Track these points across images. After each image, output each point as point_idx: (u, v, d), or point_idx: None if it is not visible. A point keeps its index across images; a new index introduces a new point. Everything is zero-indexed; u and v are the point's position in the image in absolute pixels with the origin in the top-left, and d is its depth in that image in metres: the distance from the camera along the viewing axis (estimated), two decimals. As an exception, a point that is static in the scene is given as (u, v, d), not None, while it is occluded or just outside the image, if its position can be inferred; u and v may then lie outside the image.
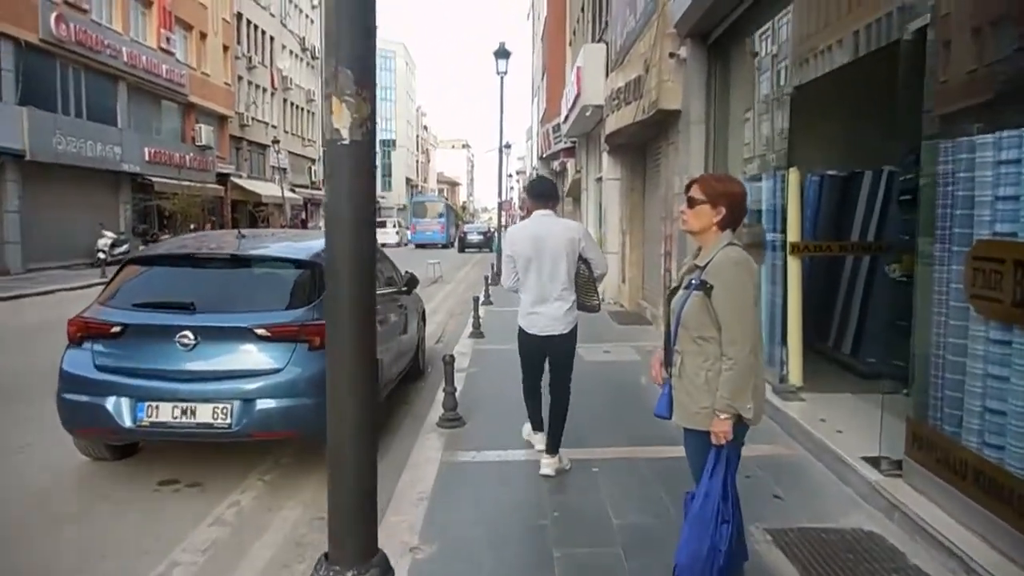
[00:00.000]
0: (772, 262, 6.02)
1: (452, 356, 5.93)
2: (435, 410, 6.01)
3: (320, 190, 51.05)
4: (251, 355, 4.55)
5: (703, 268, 2.82)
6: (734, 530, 2.71)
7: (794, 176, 5.60)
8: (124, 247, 22.23)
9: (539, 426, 5.04)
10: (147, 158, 26.96)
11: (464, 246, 40.48)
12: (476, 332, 10.03)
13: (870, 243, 6.27)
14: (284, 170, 42.16)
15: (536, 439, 5.07)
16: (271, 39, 42.64)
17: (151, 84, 27.82)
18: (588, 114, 14.79)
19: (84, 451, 5.05)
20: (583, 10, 19.99)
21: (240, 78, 37.75)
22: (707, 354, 2.77)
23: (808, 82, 6.07)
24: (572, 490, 4.41)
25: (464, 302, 14.21)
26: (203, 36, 32.79)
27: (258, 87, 40.48)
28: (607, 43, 14.28)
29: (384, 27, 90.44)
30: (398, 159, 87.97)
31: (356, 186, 1.57)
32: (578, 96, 14.97)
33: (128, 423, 4.45)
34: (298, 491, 4.74)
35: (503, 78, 18.38)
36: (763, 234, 6.05)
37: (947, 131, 3.67)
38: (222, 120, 34.95)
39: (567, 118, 17.91)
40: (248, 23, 39.15)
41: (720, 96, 8.00)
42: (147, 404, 4.46)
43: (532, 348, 4.79)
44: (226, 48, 35.35)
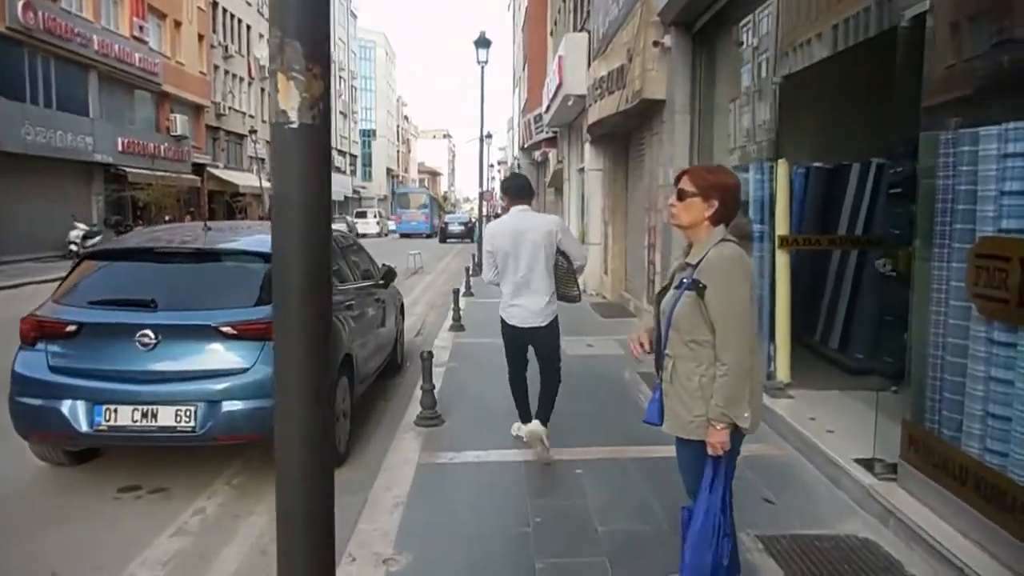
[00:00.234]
0: (758, 255, 5.86)
1: (430, 352, 5.72)
2: (413, 407, 5.81)
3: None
4: (216, 354, 4.32)
5: (695, 266, 2.64)
6: (734, 543, 2.55)
7: (783, 168, 5.44)
8: (97, 239, 21.70)
9: (527, 418, 5.03)
10: (120, 148, 26.39)
11: (445, 236, 40.17)
12: (456, 325, 9.83)
13: (860, 237, 6.13)
14: (262, 160, 41.54)
15: (525, 431, 4.98)
16: (248, 28, 41.93)
17: (123, 73, 27.17)
18: (570, 104, 14.58)
19: (41, 456, 4.79)
20: (564, -1, 19.76)
21: (216, 67, 37.08)
22: (700, 358, 2.59)
23: (795, 72, 5.91)
24: (555, 494, 4.23)
25: (445, 294, 13.97)
26: (177, 24, 32.12)
27: (235, 76, 39.82)
28: (589, 32, 14.07)
29: (364, 17, 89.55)
30: (378, 149, 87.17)
31: (308, 176, 1.35)
32: (560, 86, 14.75)
33: (85, 427, 4.20)
34: (267, 495, 4.52)
35: (483, 67, 18.13)
36: (750, 226, 5.88)
37: (947, 122, 3.51)
38: (198, 110, 34.31)
39: (549, 108, 17.69)
40: (224, 11, 38.45)
41: (705, 86, 7.82)
42: (105, 407, 4.21)
43: (515, 339, 4.94)
44: (201, 37, 34.67)
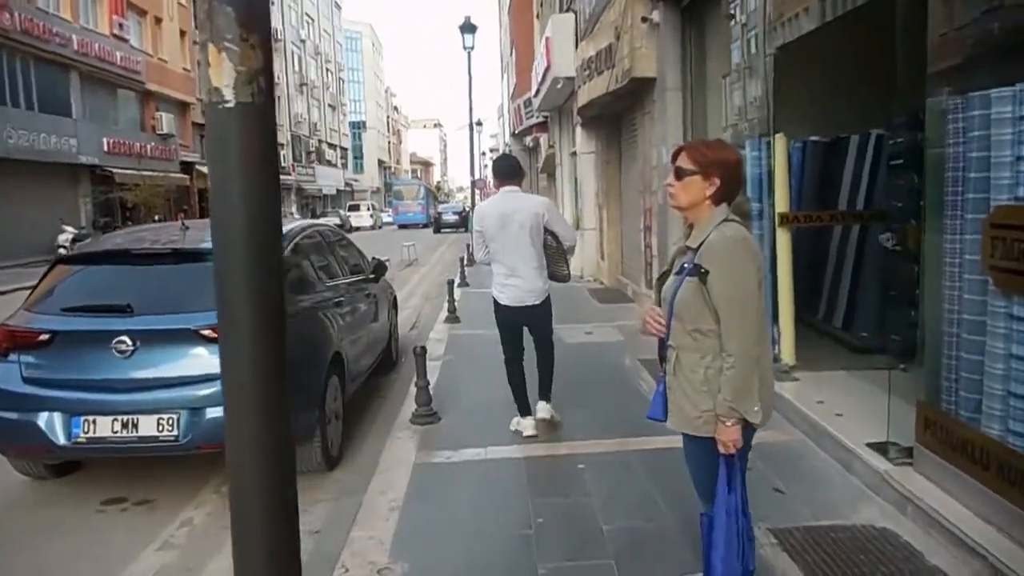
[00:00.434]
0: (757, 234, 5.67)
1: (423, 347, 5.53)
2: (409, 404, 5.63)
3: (290, 175, 50.12)
4: (198, 359, 4.12)
5: (696, 250, 2.45)
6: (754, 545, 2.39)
7: (781, 142, 5.24)
8: (86, 241, 21.43)
9: (526, 411, 5.03)
10: (106, 149, 26.07)
11: (440, 226, 39.81)
12: (451, 317, 9.63)
13: (863, 212, 5.94)
14: (251, 156, 41.18)
15: (526, 425, 4.98)
16: (231, 21, 41.39)
17: (105, 72, 26.79)
18: (559, 87, 14.34)
19: (21, 470, 4.62)
20: (550, -20, 19.42)
21: (200, 63, 36.58)
22: (705, 349, 2.41)
23: (789, 43, 5.69)
24: (557, 491, 4.06)
25: (440, 285, 13.76)
26: (158, 21, 31.68)
27: (220, 71, 39.34)
28: (575, 12, 13.80)
29: (348, 7, 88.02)
30: (369, 141, 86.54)
31: (248, 163, 1.16)
32: (548, 69, 14.50)
33: (63, 440, 4.02)
34: (259, 504, 4.35)
35: (470, 53, 17.86)
36: (748, 205, 5.69)
37: (955, 86, 3.32)
38: (184, 107, 33.92)
39: (538, 92, 17.42)
40: (206, 5, 37.92)
41: (696, 61, 7.61)
42: (83, 418, 4.03)
43: (509, 319, 4.99)
44: (183, 33, 34.22)
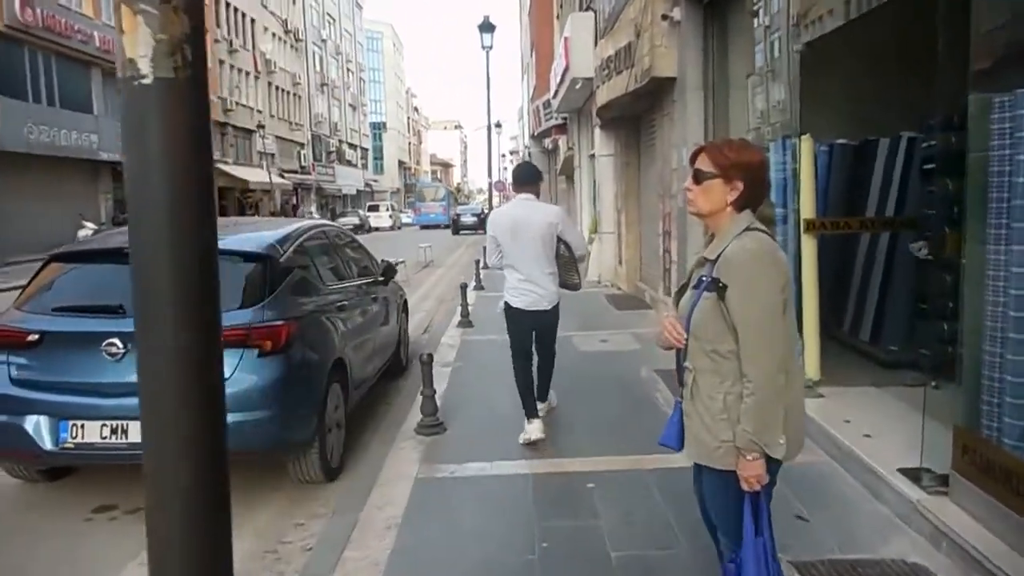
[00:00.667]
0: (780, 240, 5.41)
1: (430, 355, 5.33)
2: (415, 412, 5.42)
3: (310, 175, 50.31)
4: (190, 365, 3.94)
5: (715, 262, 2.22)
6: None
7: (807, 144, 4.97)
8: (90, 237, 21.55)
9: (533, 413, 5.00)
10: (126, 146, 26.15)
11: (458, 228, 39.61)
12: (464, 321, 9.42)
13: (893, 219, 5.65)
14: (271, 155, 41.32)
15: (533, 428, 4.91)
16: (252, 21, 41.58)
17: (128, 69, 26.90)
18: (578, 87, 14.09)
19: (12, 472, 4.48)
20: (571, -20, 19.18)
21: (221, 62, 36.80)
22: (725, 372, 2.17)
23: (816, 39, 5.43)
24: (564, 513, 3.83)
25: (455, 288, 13.55)
26: (181, 18, 31.78)
27: (240, 71, 39.52)
28: (595, 11, 13.56)
29: (369, 7, 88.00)
30: (389, 142, 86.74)
31: (172, 151, 0.95)
32: (567, 69, 14.27)
33: (50, 445, 3.85)
34: (252, 516, 4.16)
35: (488, 53, 17.66)
36: (772, 210, 5.43)
37: (1001, 83, 3.05)
38: (205, 105, 34.00)
39: (556, 93, 17.19)
40: (227, 5, 38.12)
41: (719, 60, 7.34)
42: (71, 423, 3.87)
43: (519, 322, 5.08)
44: (205, 31, 34.28)
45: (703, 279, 2.25)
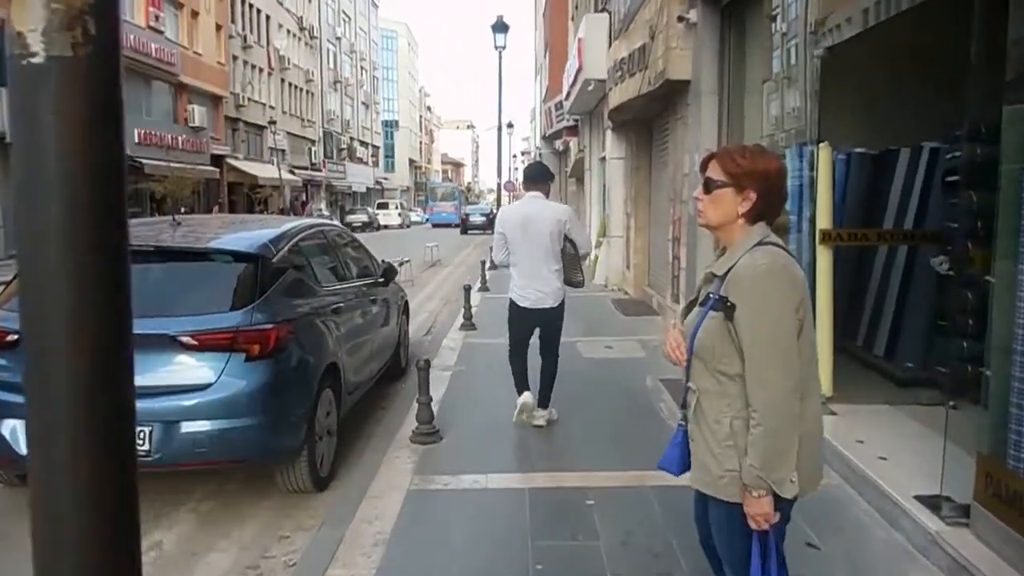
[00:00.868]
0: (794, 248, 5.21)
1: (427, 361, 5.16)
2: (411, 419, 5.24)
3: (321, 172, 50.28)
4: (175, 368, 3.79)
5: (723, 278, 2.04)
6: None
7: (825, 152, 4.77)
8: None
9: (524, 387, 5.24)
10: (137, 140, 26.13)
11: (467, 228, 39.51)
12: (467, 324, 9.25)
13: (913, 232, 5.43)
14: (282, 151, 41.29)
15: (523, 398, 5.21)
16: (267, 18, 41.56)
17: (140, 64, 26.88)
18: (590, 89, 13.89)
19: (-9, 476, 4.32)
20: (586, -19, 18.99)
21: (235, 58, 36.78)
22: (732, 395, 1.99)
23: (838, 44, 5.23)
24: (561, 532, 3.65)
25: (461, 288, 13.43)
26: (194, 14, 31.80)
27: (254, 67, 39.50)
28: (610, 12, 13.36)
29: (385, 6, 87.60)
30: (401, 140, 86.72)
31: (67, 142, 0.78)
32: (579, 70, 14.08)
33: (27, 450, 3.69)
34: (238, 525, 4.00)
35: (501, 53, 17.50)
36: (786, 217, 5.23)
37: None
38: (216, 101, 34.01)
39: (569, 94, 17.01)
40: (243, 2, 38.10)
41: (735, 64, 7.14)
42: (50, 427, 3.70)
43: (522, 320, 5.16)
44: (219, 27, 34.33)
45: (710, 296, 2.08)
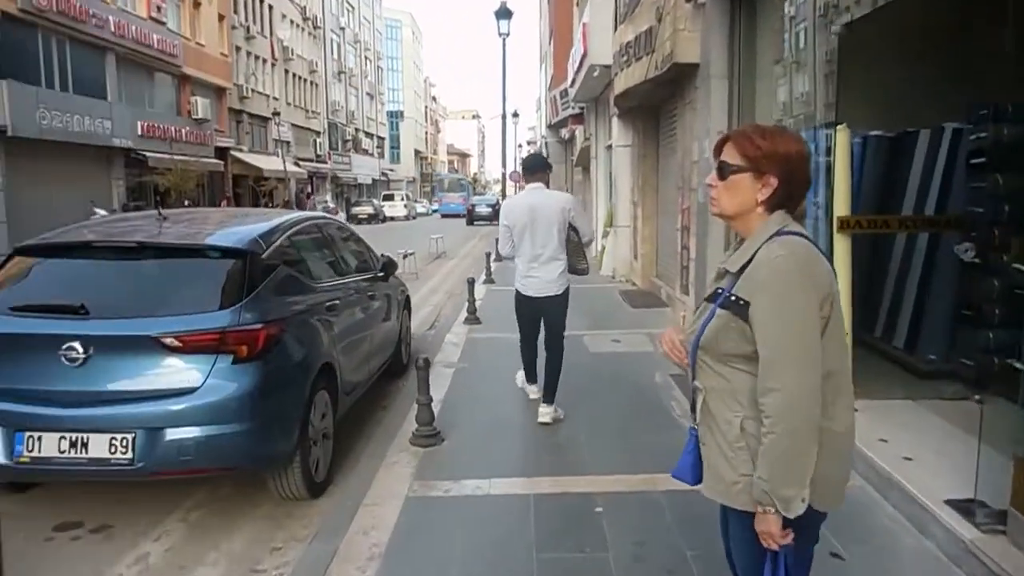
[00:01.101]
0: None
1: (427, 360, 4.95)
2: (412, 419, 5.04)
3: (326, 163, 50.06)
4: (158, 372, 3.59)
5: (737, 274, 1.82)
6: None
7: (843, 136, 4.51)
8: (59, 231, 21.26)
9: (533, 378, 5.47)
10: (140, 132, 25.93)
11: (472, 219, 39.37)
12: (471, 318, 9.03)
13: (937, 217, 5.18)
14: (287, 143, 41.08)
15: (531, 389, 5.51)
16: (270, 8, 41.25)
17: (142, 55, 26.68)
18: (596, 75, 13.61)
19: (-27, 484, 4.14)
20: (590, -35, 18.61)
21: (238, 49, 36.52)
22: (741, 392, 1.79)
23: (858, 20, 4.97)
24: (567, 542, 3.44)
25: (466, 281, 13.22)
26: (196, 5, 31.51)
27: (257, 58, 39.23)
28: (616, -4, 13.05)
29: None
30: (406, 131, 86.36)
31: None
32: (584, 55, 13.78)
33: (3, 459, 3.51)
34: (227, 536, 3.81)
35: (505, 40, 17.21)
36: (803, 206, 4.98)
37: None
38: (220, 92, 33.77)
39: (574, 81, 16.71)
40: (245, -9, 37.82)
41: (746, 46, 6.85)
42: (27, 435, 3.52)
43: (528, 309, 5.26)
44: (222, 17, 34.04)
45: (720, 292, 1.86)
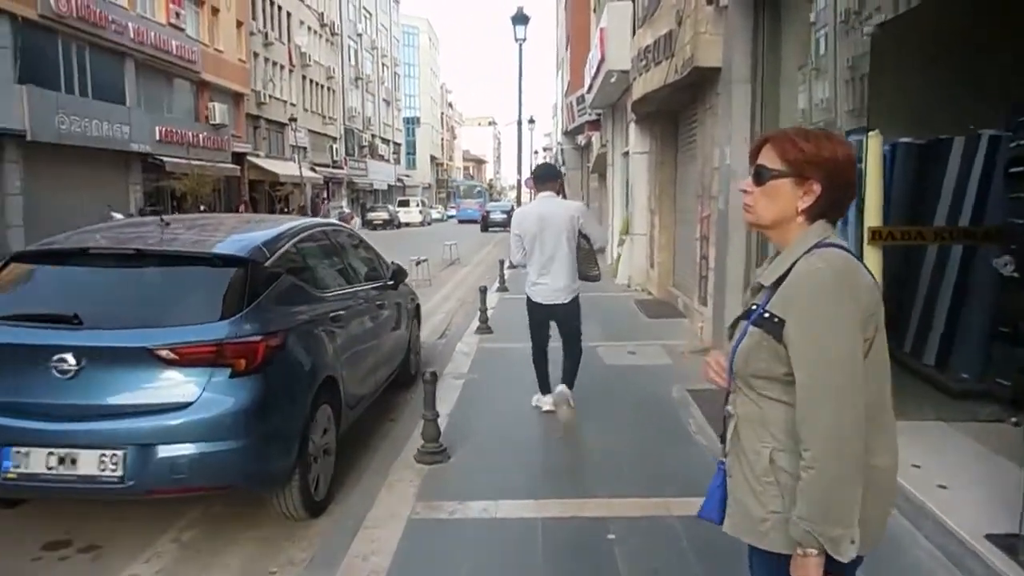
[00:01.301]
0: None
1: (434, 373, 4.75)
2: (418, 433, 4.85)
3: (342, 169, 50.18)
4: (152, 385, 3.42)
5: (773, 288, 1.63)
6: None
7: (875, 143, 4.28)
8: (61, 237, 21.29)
9: (547, 388, 5.39)
10: (158, 137, 26.05)
11: (487, 225, 39.28)
12: (483, 327, 8.83)
13: (975, 229, 4.93)
14: (304, 149, 41.20)
15: (545, 400, 5.38)
16: (288, 15, 41.44)
17: (161, 61, 26.82)
18: (613, 80, 13.40)
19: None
20: (609, -29, 18.45)
21: (256, 55, 36.68)
22: (774, 422, 1.60)
23: (892, 20, 4.76)
24: (578, 571, 3.23)
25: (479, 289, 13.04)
26: (215, 11, 31.68)
27: (275, 64, 39.40)
28: (634, 1, 12.86)
29: (407, 2, 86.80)
30: (422, 137, 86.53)
31: None
32: (602, 61, 13.59)
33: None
34: (221, 558, 3.63)
35: (521, 45, 17.09)
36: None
37: None
38: (237, 98, 33.91)
39: (591, 87, 16.52)
40: (264, -2, 38.02)
41: (770, 50, 6.62)
42: (14, 450, 3.36)
43: (539, 316, 5.30)
44: (240, 24, 34.21)
45: (754, 308, 1.67)
